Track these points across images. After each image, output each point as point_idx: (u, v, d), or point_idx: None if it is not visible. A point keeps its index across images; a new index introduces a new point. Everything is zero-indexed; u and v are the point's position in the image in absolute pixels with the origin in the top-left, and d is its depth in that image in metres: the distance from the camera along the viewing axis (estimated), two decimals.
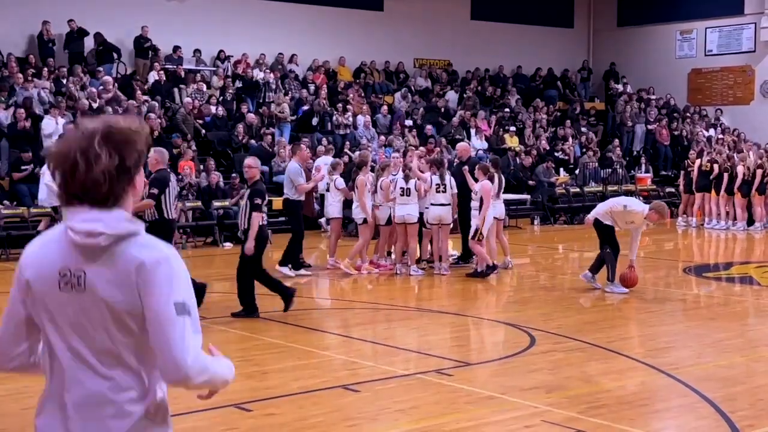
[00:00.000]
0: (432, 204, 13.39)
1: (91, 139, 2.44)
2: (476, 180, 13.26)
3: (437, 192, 13.32)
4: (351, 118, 22.97)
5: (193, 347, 2.47)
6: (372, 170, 14.13)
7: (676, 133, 27.11)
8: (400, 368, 8.12)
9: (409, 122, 24.17)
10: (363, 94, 24.88)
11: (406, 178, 13.40)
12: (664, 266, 15.34)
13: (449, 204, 13.44)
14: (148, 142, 2.54)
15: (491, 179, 13.20)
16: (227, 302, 10.82)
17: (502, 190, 13.86)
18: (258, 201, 10.07)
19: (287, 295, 10.38)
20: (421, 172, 13.66)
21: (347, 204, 14.57)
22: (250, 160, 10.64)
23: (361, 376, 7.65)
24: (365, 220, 13.58)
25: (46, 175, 13.68)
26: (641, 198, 23.71)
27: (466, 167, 13.72)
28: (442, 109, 25.32)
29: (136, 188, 2.54)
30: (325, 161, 17.21)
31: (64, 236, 2.50)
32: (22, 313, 2.59)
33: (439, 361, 8.27)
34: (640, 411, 6.77)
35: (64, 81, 20.22)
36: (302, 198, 13.79)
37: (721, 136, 26.54)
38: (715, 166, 20.60)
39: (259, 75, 23.43)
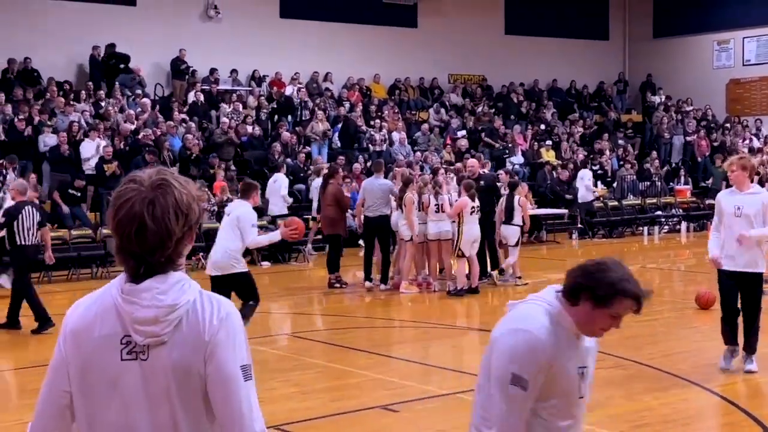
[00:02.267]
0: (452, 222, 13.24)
1: (158, 198, 2.30)
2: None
3: (471, 214, 12.96)
4: (386, 135, 23.03)
5: (260, 416, 2.32)
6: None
7: (715, 144, 26.80)
8: (439, 388, 8.07)
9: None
10: (398, 111, 24.93)
11: (436, 195, 13.35)
12: (707, 280, 15.12)
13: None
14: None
15: (472, 198, 12.99)
16: (266, 321, 10.84)
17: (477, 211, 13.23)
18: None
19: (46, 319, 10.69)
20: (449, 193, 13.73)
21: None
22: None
23: (400, 396, 7.62)
24: (411, 238, 13.57)
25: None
26: (680, 210, 23.57)
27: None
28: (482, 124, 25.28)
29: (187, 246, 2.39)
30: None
31: (122, 301, 2.31)
32: (67, 392, 2.35)
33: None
34: (685, 430, 6.66)
35: (103, 104, 20.49)
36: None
37: (761, 146, 26.20)
38: (755, 177, 20.29)
39: (293, 93, 23.58)
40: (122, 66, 21.74)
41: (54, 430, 2.38)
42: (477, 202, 13.07)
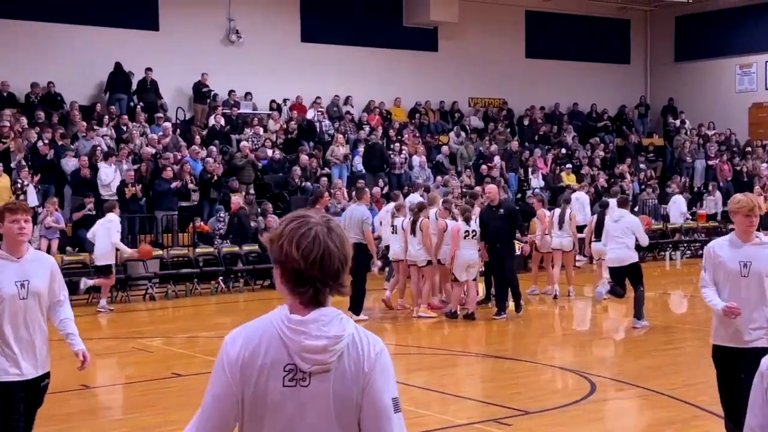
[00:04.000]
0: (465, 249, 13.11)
1: (333, 230, 2.51)
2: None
3: (464, 238, 12.98)
4: (406, 158, 23.03)
5: None
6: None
7: (737, 168, 26.60)
8: (458, 417, 7.99)
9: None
10: (418, 134, 24.95)
11: (467, 220, 13.18)
12: None
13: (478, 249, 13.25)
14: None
15: (467, 221, 13.04)
16: None
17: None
18: None
19: None
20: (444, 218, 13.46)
21: None
22: None
23: (419, 426, 7.54)
24: (429, 262, 13.50)
25: None
26: (703, 234, 23.37)
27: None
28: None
29: None
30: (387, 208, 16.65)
31: (288, 332, 2.47)
32: (230, 419, 2.50)
33: (497, 409, 8.13)
34: None
35: (125, 128, 20.64)
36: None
37: None
38: None
39: (314, 117, 23.67)
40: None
41: None
42: (473, 226, 13.05)
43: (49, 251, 16.46)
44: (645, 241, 12.65)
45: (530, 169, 24.30)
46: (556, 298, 15.23)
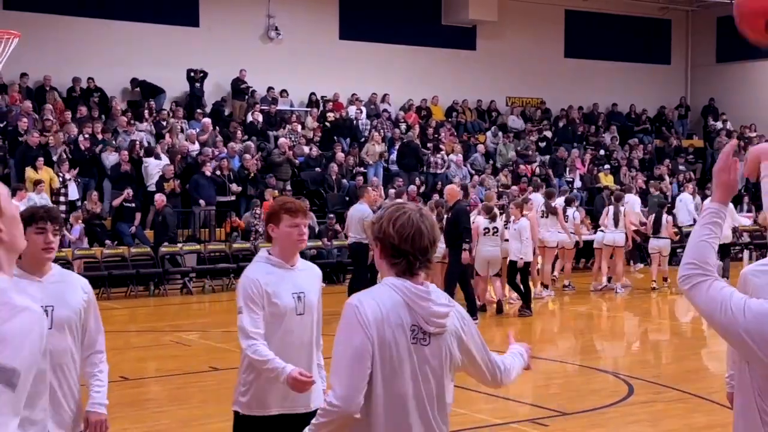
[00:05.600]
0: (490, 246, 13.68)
1: (425, 215, 3.09)
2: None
3: (484, 234, 13.62)
4: (444, 157, 22.98)
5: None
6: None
7: None
8: (494, 416, 7.96)
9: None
10: (455, 133, 24.89)
11: (493, 218, 13.77)
12: None
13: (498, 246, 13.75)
14: None
15: (492, 219, 13.68)
16: None
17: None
18: None
19: None
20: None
21: None
22: None
23: (454, 425, 7.52)
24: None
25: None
26: (743, 237, 23.03)
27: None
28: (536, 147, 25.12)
29: None
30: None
31: (417, 299, 3.00)
32: (369, 366, 3.00)
33: (534, 409, 8.09)
34: None
35: (164, 123, 20.81)
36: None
37: None
38: None
39: (352, 114, 23.70)
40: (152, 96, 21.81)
41: (363, 390, 2.99)
42: (496, 223, 13.63)
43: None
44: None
45: (567, 169, 24.15)
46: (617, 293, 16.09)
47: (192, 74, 22.15)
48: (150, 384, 9.82)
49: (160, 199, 17.46)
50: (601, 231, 16.64)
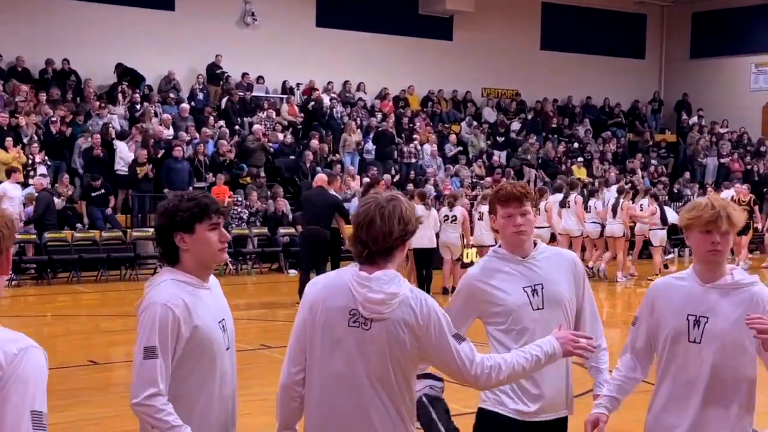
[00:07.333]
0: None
1: (387, 206, 3.10)
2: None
3: (444, 222, 14.41)
4: (418, 147, 22.99)
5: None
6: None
7: (749, 167, 26.51)
8: (464, 406, 7.98)
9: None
10: (430, 123, 24.90)
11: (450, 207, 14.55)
12: None
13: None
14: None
15: (450, 207, 14.46)
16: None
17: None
18: None
19: None
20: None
21: None
22: None
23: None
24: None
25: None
26: None
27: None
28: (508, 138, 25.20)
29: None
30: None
31: (356, 285, 3.09)
32: (304, 347, 3.18)
33: None
34: None
35: (138, 107, 20.64)
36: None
37: None
38: None
39: (326, 102, 23.63)
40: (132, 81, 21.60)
41: (300, 372, 3.19)
42: (454, 211, 14.32)
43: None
44: None
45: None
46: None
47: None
48: (119, 368, 9.76)
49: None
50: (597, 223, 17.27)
